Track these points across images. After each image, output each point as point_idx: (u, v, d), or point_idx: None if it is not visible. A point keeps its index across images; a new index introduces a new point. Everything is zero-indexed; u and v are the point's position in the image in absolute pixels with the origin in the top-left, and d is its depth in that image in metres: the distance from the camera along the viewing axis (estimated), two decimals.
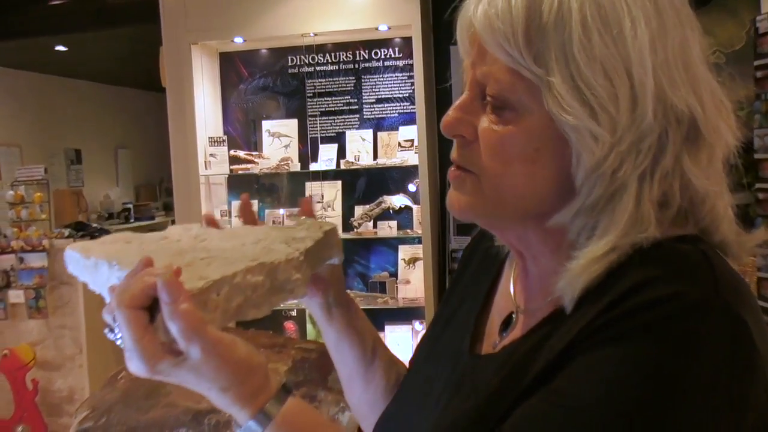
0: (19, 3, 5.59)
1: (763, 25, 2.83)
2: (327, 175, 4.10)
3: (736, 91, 0.73)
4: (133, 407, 2.24)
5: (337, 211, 4.11)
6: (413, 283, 4.00)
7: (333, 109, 4.15)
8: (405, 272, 4.05)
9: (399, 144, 3.98)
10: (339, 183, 4.14)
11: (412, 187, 4.04)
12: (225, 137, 4.15)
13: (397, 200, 4.06)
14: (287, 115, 4.23)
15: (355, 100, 4.12)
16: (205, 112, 4.16)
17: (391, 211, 4.07)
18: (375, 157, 4.04)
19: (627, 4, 0.65)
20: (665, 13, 0.67)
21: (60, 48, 7.51)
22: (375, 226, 4.03)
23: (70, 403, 4.34)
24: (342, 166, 4.03)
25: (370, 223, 4.05)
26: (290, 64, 4.20)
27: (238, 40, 4.10)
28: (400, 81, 4.06)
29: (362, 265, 4.14)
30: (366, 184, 4.15)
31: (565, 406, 0.62)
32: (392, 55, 4.06)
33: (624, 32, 0.65)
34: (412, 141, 3.92)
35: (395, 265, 4.10)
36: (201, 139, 4.09)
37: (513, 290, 0.83)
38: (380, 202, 4.08)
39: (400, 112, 4.06)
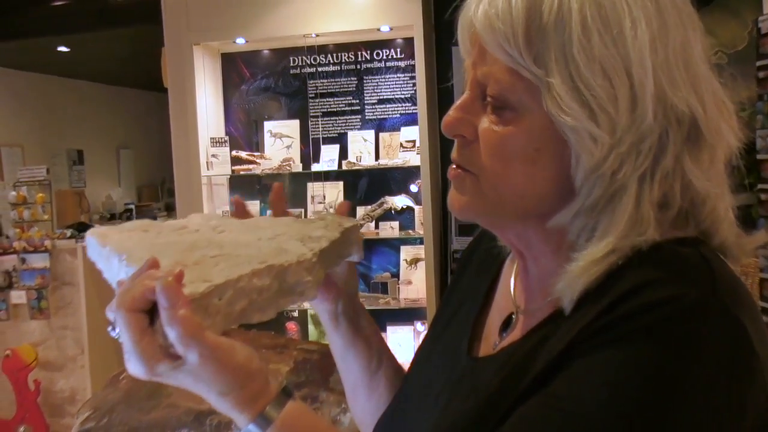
0: (21, 3, 5.60)
1: (766, 26, 2.82)
2: (329, 176, 4.10)
3: (738, 92, 0.72)
4: (135, 408, 2.24)
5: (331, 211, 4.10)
6: (415, 283, 4.00)
7: (335, 110, 4.14)
8: (407, 273, 4.05)
9: (401, 144, 3.98)
10: (341, 184, 4.14)
11: (413, 188, 4.04)
12: (227, 138, 4.14)
13: (399, 201, 4.06)
14: (289, 116, 4.23)
15: (357, 101, 4.12)
16: (207, 112, 4.16)
17: (392, 212, 4.07)
18: (377, 157, 4.04)
19: (628, 5, 0.65)
20: (666, 12, 0.66)
21: (62, 48, 7.52)
22: (377, 227, 4.03)
23: (72, 403, 4.35)
24: (344, 167, 4.03)
25: (372, 224, 4.04)
26: (292, 64, 4.19)
27: (240, 41, 4.10)
28: (402, 81, 4.06)
29: (364, 266, 4.13)
30: (368, 185, 4.14)
31: (565, 410, 0.61)
32: (394, 56, 4.06)
33: (624, 32, 0.64)
34: (413, 142, 3.92)
35: (397, 266, 4.10)
36: (203, 140, 4.09)
37: (513, 290, 0.83)
38: (382, 203, 4.07)
39: (402, 112, 4.06)
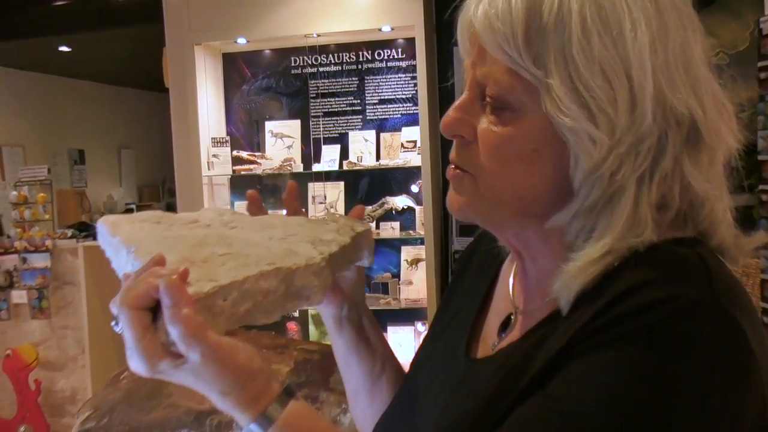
0: (22, 3, 5.60)
1: (767, 26, 2.82)
2: (330, 176, 4.10)
3: (738, 93, 0.72)
4: (136, 408, 2.24)
5: (340, 212, 4.11)
6: (416, 284, 4.00)
7: (336, 110, 4.14)
8: (407, 273, 4.05)
9: (402, 145, 3.98)
10: (342, 184, 4.14)
11: (414, 188, 4.04)
12: (228, 138, 4.15)
13: (400, 201, 4.06)
14: (290, 116, 4.23)
15: (358, 101, 4.12)
16: (208, 112, 4.16)
17: (393, 212, 4.07)
18: (378, 158, 4.04)
19: (628, 6, 0.65)
20: (666, 14, 0.66)
21: (63, 48, 7.52)
22: (378, 227, 4.03)
23: (73, 403, 4.35)
24: (345, 167, 4.03)
25: (373, 224, 4.04)
26: (293, 64, 4.19)
27: (241, 41, 4.11)
28: (403, 82, 4.06)
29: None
30: (369, 185, 4.14)
31: (563, 411, 0.61)
32: (395, 56, 4.06)
33: (624, 34, 0.64)
34: (414, 142, 3.92)
35: (398, 266, 4.10)
36: (204, 140, 4.09)
37: (512, 291, 0.83)
38: (383, 203, 4.07)
39: (403, 112, 4.06)
